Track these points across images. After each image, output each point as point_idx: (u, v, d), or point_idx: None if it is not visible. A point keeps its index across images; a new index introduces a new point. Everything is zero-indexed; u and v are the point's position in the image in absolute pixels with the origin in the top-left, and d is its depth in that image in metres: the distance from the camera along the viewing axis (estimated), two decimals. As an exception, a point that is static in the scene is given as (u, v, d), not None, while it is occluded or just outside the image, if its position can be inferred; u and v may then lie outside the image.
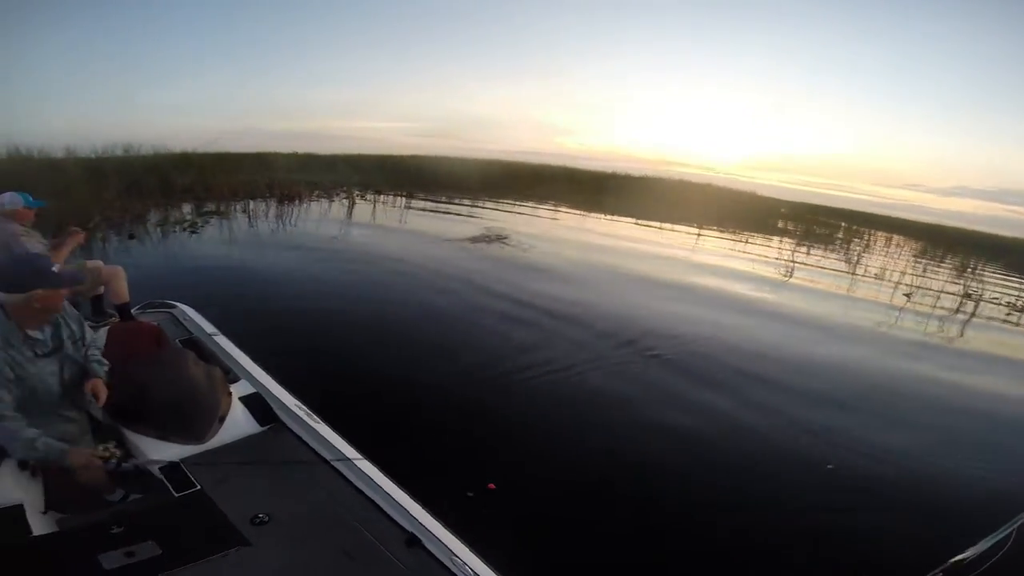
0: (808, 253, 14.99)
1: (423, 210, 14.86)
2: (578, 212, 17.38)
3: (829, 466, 3.78)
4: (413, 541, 1.70)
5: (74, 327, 2.01)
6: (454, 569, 1.59)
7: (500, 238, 10.93)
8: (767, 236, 17.51)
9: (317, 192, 15.26)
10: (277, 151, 20.22)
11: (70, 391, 2.00)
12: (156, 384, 2.35)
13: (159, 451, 2.22)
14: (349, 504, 1.91)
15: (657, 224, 16.52)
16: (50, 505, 2.10)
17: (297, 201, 13.58)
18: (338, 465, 2.09)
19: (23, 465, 2.11)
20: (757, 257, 13.53)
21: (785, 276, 11.24)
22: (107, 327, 2.98)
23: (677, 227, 16.53)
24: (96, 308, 3.74)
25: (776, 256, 13.58)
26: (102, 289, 3.64)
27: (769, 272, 11.52)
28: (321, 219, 12.02)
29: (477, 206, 16.18)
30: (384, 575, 1.62)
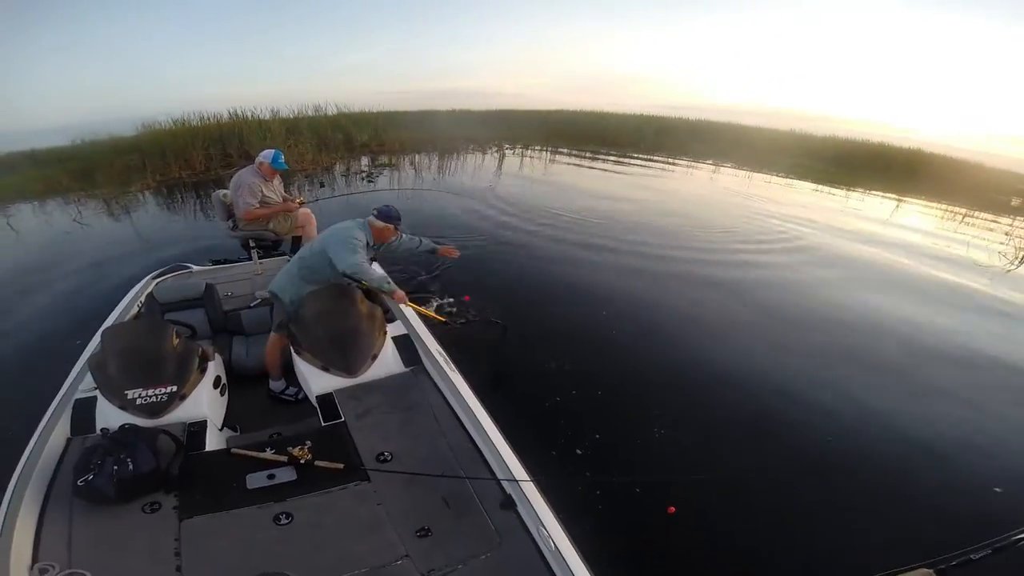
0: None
1: (573, 165, 14.49)
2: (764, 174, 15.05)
3: None
4: (508, 504, 1.76)
5: (405, 243, 3.09)
6: (539, 539, 1.64)
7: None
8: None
9: (472, 146, 15.86)
10: (436, 109, 21.38)
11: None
12: (328, 316, 2.59)
13: (318, 381, 2.47)
14: (462, 455, 2.02)
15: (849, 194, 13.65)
16: (226, 423, 2.50)
17: (455, 154, 14.33)
18: (461, 416, 2.20)
19: (216, 383, 2.53)
20: None
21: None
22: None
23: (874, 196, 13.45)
24: (295, 247, 4.35)
25: None
26: (300, 231, 4.22)
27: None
28: (474, 171, 12.41)
29: (625, 161, 15.19)
30: (472, 529, 1.71)
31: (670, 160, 15.58)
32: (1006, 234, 9.73)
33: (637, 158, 15.40)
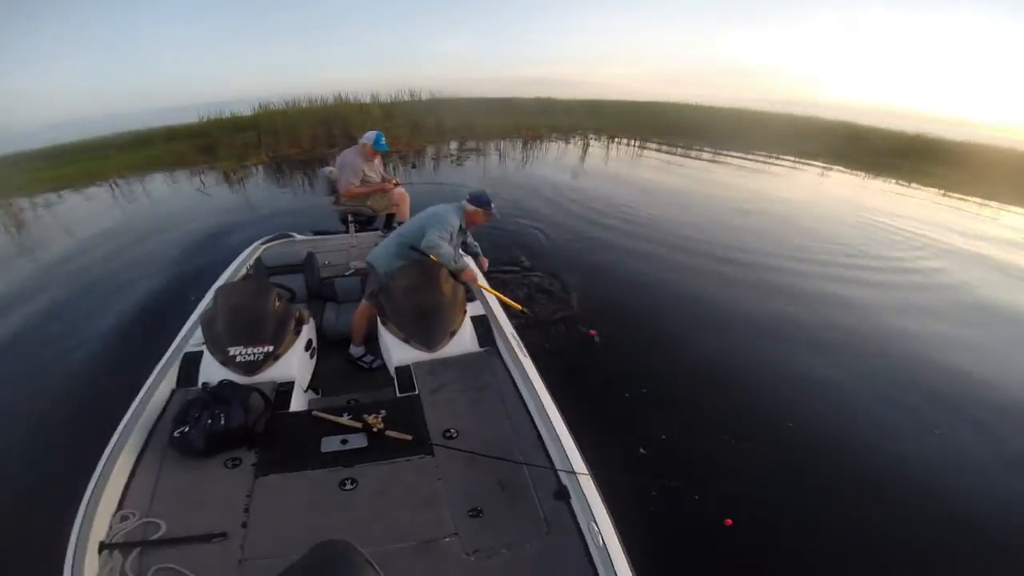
0: None
1: (663, 160, 13.74)
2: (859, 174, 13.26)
3: None
4: (561, 495, 1.74)
5: (466, 238, 3.13)
6: (588, 534, 1.59)
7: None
8: None
9: (555, 134, 15.66)
10: (522, 96, 21.36)
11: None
12: (414, 290, 2.63)
13: (398, 352, 2.51)
14: (523, 439, 2.01)
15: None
16: (311, 385, 2.57)
17: (538, 142, 14.23)
18: (528, 401, 2.19)
19: (307, 346, 2.61)
20: None
21: None
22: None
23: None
24: (388, 223, 4.48)
25: None
26: (395, 209, 4.32)
27: None
28: (558, 159, 12.22)
29: (722, 157, 14.14)
30: (523, 514, 1.69)
31: (772, 158, 14.18)
32: None
33: (735, 155, 14.18)
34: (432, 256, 2.66)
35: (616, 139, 15.63)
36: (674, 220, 7.29)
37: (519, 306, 3.12)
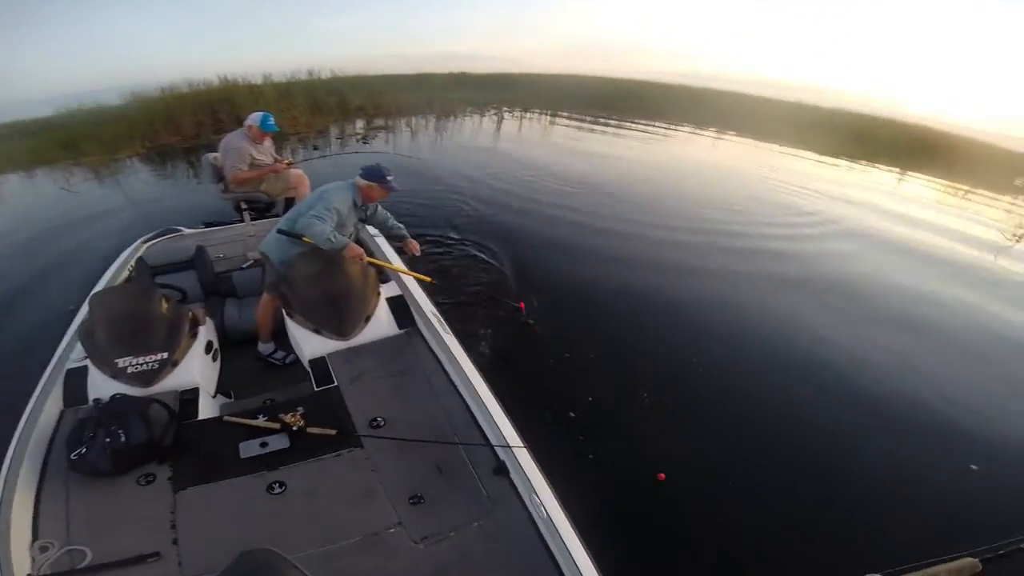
0: None
1: (574, 130, 14.08)
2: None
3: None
4: (501, 470, 1.74)
5: (378, 215, 2.92)
6: (531, 506, 1.61)
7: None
8: None
9: (469, 109, 15.41)
10: (431, 72, 20.70)
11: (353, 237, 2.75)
12: (318, 277, 2.47)
13: (310, 344, 2.39)
14: (455, 420, 1.98)
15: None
16: (219, 389, 2.41)
17: (452, 117, 13.93)
18: (455, 380, 2.15)
19: (208, 348, 2.43)
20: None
21: None
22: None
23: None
24: (287, 207, 4.19)
25: None
26: (293, 192, 4.06)
27: None
28: (472, 133, 12.08)
29: (626, 127, 14.77)
30: (465, 495, 1.68)
31: (672, 126, 15.09)
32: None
33: (639, 123, 14.88)
34: (304, 238, 2.49)
35: (529, 112, 15.71)
36: (587, 183, 7.56)
37: (427, 277, 2.96)
